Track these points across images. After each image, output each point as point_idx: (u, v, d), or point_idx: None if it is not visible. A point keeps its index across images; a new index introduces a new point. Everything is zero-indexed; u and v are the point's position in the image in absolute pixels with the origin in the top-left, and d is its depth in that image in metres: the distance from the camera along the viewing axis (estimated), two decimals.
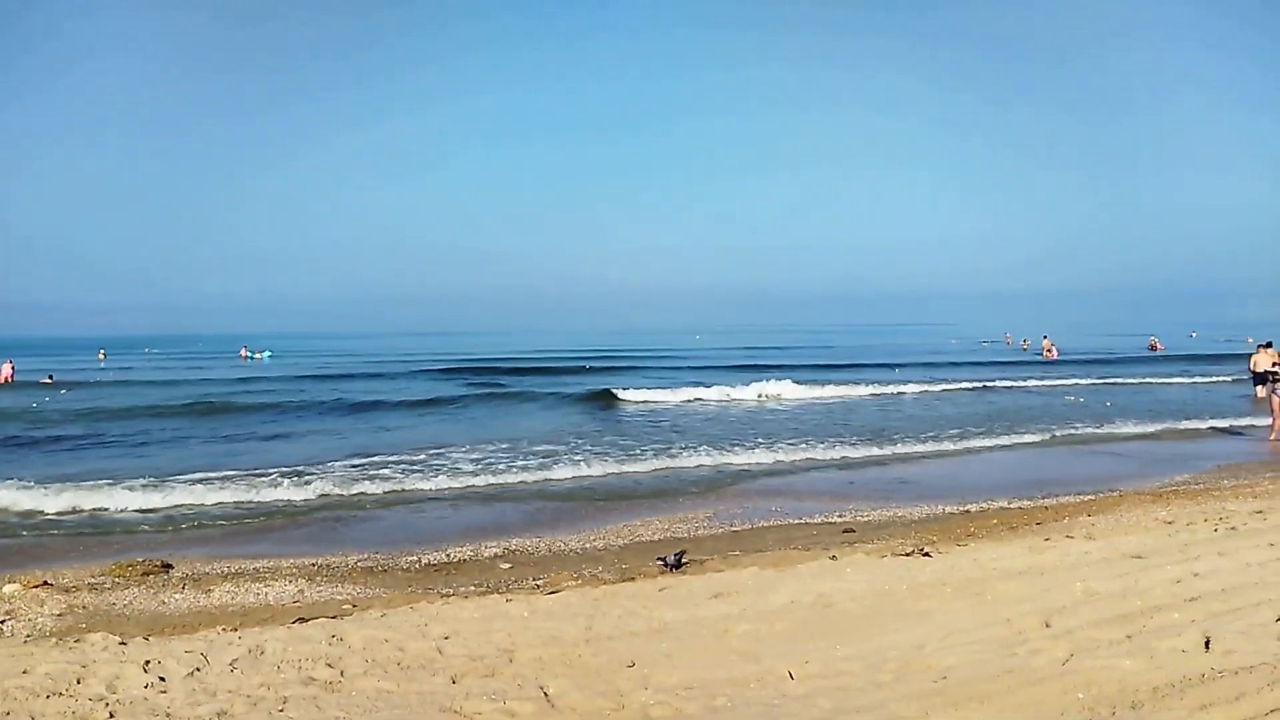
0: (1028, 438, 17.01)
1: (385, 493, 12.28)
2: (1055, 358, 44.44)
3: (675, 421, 20.44)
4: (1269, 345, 25.62)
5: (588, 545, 9.38)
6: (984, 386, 27.35)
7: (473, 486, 12.72)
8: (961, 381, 28.79)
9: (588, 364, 42.42)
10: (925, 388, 27.60)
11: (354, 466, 14.14)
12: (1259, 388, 24.27)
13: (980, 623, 5.44)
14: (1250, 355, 25.17)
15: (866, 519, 10.13)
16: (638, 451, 15.39)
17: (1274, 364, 24.14)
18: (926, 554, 7.49)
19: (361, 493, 12.21)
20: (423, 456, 15.12)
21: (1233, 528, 7.76)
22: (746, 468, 14.17)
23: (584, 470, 13.73)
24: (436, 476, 13.23)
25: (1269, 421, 17.00)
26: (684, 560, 8.09)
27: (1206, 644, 4.72)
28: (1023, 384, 28.31)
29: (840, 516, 10.39)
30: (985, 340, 72.89)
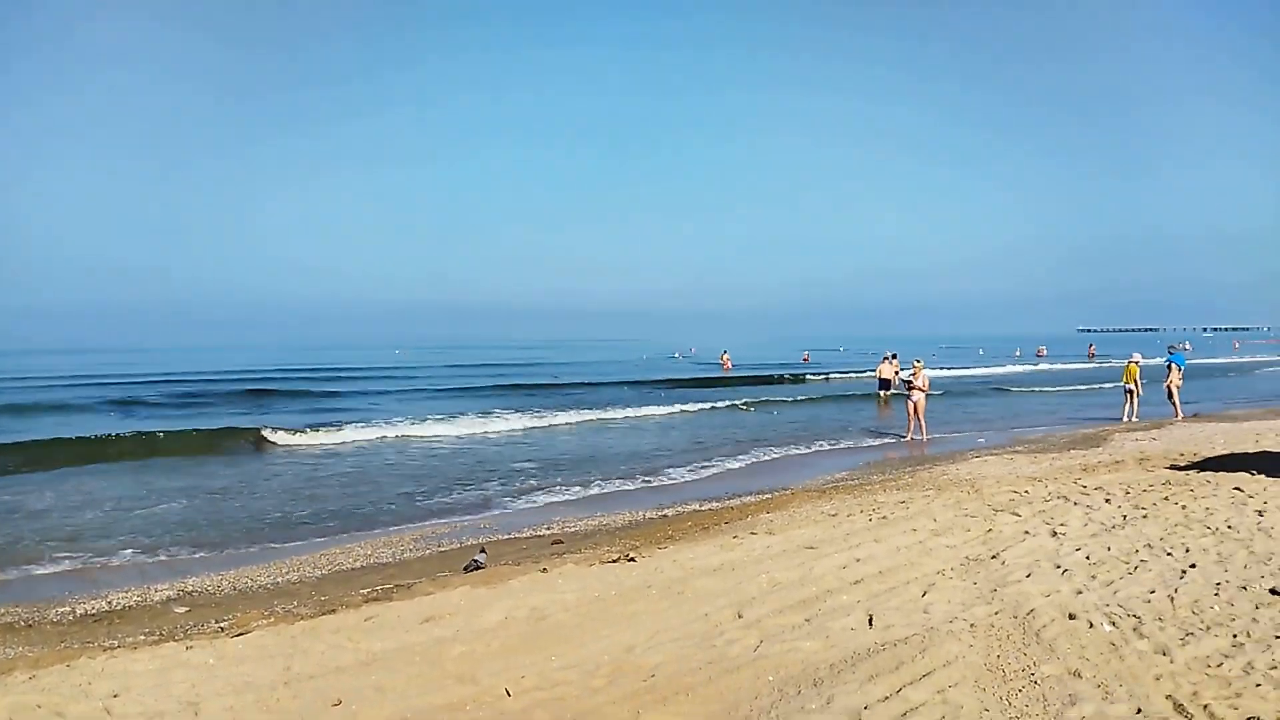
0: (730, 463, 18.34)
1: None
2: (730, 369, 49.96)
3: (350, 471, 15.45)
4: (895, 356, 30.53)
5: (280, 579, 8.67)
6: (680, 412, 27.86)
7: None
8: (660, 405, 27.99)
9: (266, 388, 36.27)
10: (629, 412, 26.18)
11: None
12: (882, 392, 28.72)
13: (683, 620, 5.77)
14: (878, 365, 29.74)
15: (574, 529, 10.36)
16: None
17: (896, 373, 28.82)
18: (632, 559, 7.81)
19: None
20: None
21: (884, 517, 8.92)
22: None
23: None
24: None
25: (904, 423, 19.74)
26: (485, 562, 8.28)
27: (870, 621, 5.38)
28: (715, 404, 29.90)
29: (549, 529, 10.53)
30: (678, 354, 78.30)
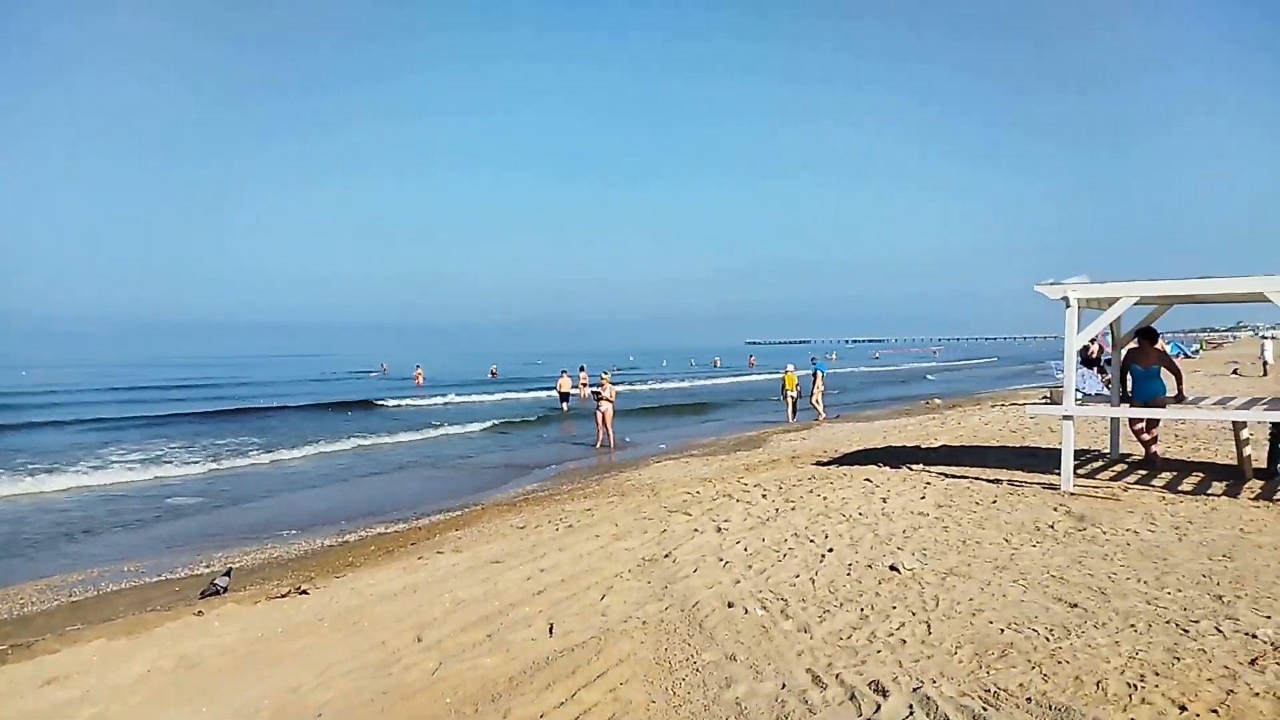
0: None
1: None
2: (422, 383, 50.20)
3: None
4: (583, 369, 32.05)
5: None
6: (375, 444, 26.95)
7: None
8: (357, 431, 25.95)
9: None
10: (309, 450, 20.73)
11: None
12: (564, 405, 29.92)
13: (357, 650, 5.46)
14: (557, 379, 30.93)
15: (240, 564, 9.46)
16: None
17: (584, 385, 30.22)
18: (304, 592, 7.28)
19: None
20: None
21: (570, 525, 9.13)
22: None
23: None
24: None
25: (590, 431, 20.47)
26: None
27: (551, 629, 5.44)
28: (398, 436, 29.13)
29: (209, 566, 9.53)
30: (373, 371, 74.97)
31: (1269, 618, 4.74)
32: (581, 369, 33.35)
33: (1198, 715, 3.59)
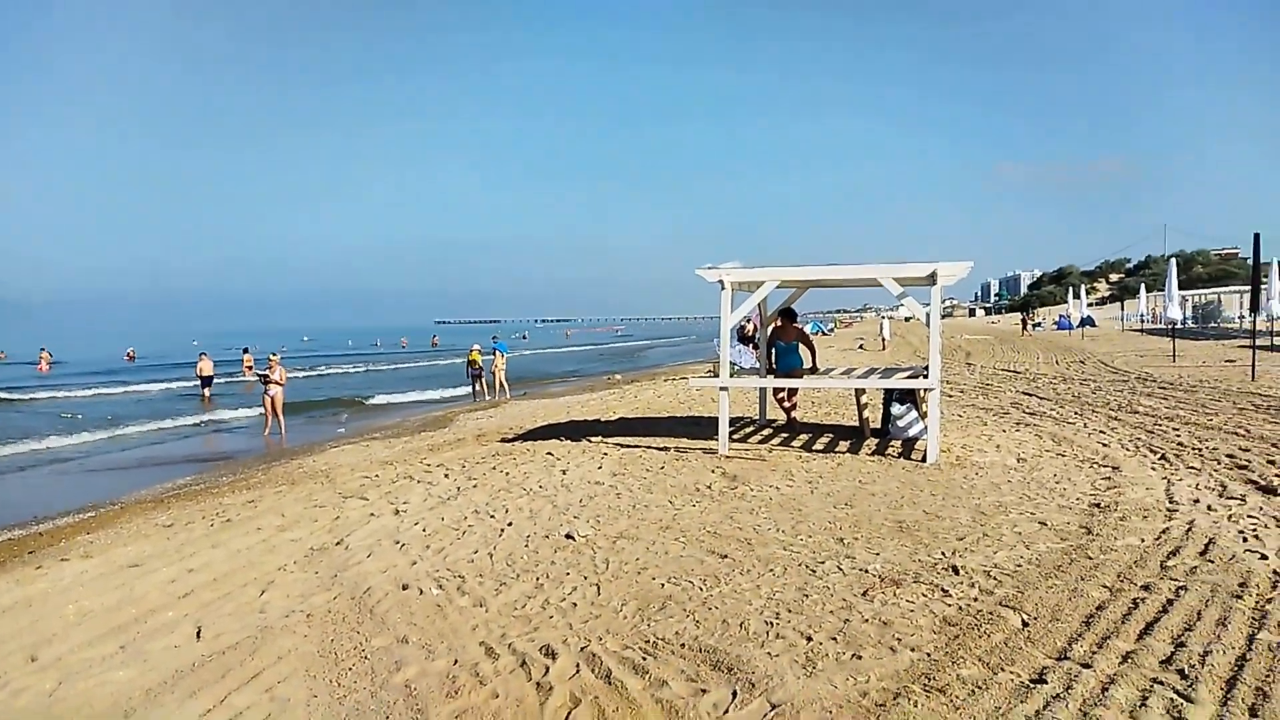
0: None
1: None
2: (48, 369, 43.94)
3: None
4: (246, 351, 29.77)
5: None
6: None
7: None
8: None
9: None
10: None
11: None
12: (205, 390, 27.44)
13: None
14: (197, 362, 28.18)
15: None
16: None
17: (248, 367, 28.12)
18: None
19: None
20: None
21: (228, 520, 8.35)
22: None
23: None
24: None
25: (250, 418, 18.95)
26: None
27: (198, 634, 4.93)
28: (18, 436, 24.91)
29: None
30: None
31: (878, 555, 5.54)
32: (245, 351, 30.65)
33: (821, 644, 4.09)
